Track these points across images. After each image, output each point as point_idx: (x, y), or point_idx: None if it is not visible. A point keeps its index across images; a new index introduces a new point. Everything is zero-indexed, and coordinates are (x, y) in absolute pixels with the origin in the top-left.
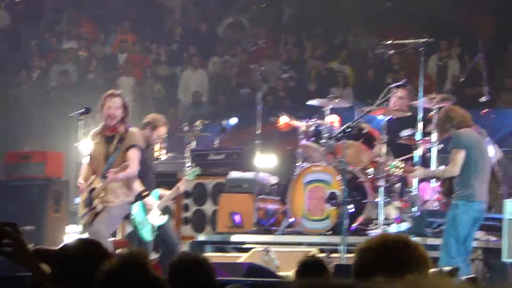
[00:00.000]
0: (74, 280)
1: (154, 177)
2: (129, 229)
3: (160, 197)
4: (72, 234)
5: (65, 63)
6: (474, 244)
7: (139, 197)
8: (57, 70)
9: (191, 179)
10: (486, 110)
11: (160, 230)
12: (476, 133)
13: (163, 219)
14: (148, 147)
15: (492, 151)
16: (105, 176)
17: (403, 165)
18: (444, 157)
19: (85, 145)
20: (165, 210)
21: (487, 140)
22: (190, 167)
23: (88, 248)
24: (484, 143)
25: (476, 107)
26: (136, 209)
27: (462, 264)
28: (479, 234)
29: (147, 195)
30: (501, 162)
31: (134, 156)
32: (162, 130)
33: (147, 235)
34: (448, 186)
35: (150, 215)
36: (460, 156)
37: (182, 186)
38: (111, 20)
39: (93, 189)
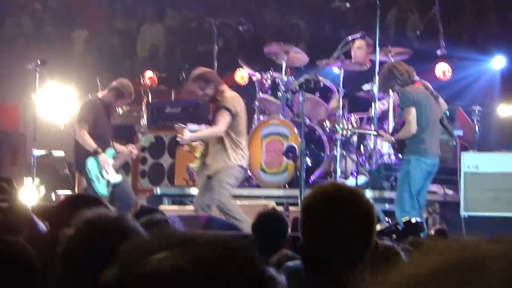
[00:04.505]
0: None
1: (111, 135)
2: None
3: (116, 155)
4: (29, 186)
5: (20, 15)
6: (432, 197)
7: (93, 153)
8: (12, 22)
9: (146, 145)
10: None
11: (116, 188)
12: (422, 88)
13: (118, 178)
14: (108, 108)
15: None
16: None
17: (351, 126)
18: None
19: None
20: (122, 165)
21: (433, 93)
22: (144, 134)
23: (113, 224)
24: (430, 97)
25: (432, 60)
26: (90, 164)
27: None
28: (435, 188)
29: (101, 152)
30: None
31: (221, 117)
32: (127, 100)
33: (102, 189)
34: (401, 143)
35: (105, 173)
36: (412, 114)
37: (135, 151)
38: None
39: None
